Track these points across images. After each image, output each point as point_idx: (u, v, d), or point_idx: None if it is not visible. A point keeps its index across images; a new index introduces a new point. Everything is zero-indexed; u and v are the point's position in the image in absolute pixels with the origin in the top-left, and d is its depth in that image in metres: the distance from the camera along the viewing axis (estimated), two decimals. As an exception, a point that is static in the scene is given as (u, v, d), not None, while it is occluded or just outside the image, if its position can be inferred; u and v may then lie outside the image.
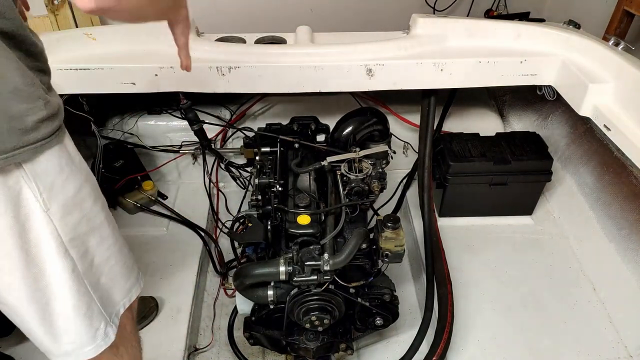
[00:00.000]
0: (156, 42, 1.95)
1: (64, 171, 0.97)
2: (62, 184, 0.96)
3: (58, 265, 0.99)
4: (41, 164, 0.91)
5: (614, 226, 1.98)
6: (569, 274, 1.99)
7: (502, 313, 1.85)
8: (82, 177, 1.02)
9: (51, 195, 0.94)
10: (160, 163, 2.42)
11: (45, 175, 0.93)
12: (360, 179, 1.64)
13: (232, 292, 2.09)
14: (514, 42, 1.96)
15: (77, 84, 1.83)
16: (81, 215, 1.02)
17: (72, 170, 0.99)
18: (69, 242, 0.99)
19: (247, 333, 1.68)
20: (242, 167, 2.35)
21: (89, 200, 1.04)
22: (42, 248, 0.97)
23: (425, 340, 1.73)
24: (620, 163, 2.00)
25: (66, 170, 0.97)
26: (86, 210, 1.03)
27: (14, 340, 1.73)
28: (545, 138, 2.19)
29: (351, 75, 1.87)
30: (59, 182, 0.96)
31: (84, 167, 1.05)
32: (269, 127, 1.97)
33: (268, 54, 1.90)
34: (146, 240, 2.13)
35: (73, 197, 0.99)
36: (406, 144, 2.44)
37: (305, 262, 1.45)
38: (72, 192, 0.99)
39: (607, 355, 1.72)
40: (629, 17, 2.84)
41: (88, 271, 1.06)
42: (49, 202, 0.94)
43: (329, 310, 1.53)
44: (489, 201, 2.18)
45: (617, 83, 1.67)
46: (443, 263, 1.89)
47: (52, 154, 0.94)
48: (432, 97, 1.99)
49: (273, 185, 1.67)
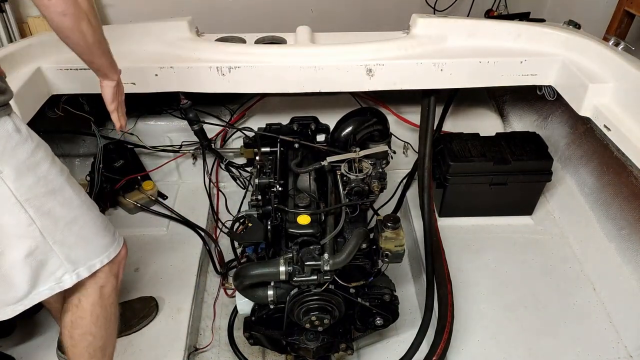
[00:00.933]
0: (156, 42, 1.95)
1: (13, 138, 1.09)
2: (12, 149, 1.08)
3: (12, 219, 1.12)
4: None
5: (614, 226, 1.98)
6: (569, 274, 1.99)
7: (502, 313, 1.85)
8: (32, 144, 1.13)
9: (2, 159, 1.07)
10: (160, 163, 2.42)
11: None
12: (360, 179, 1.64)
13: (232, 292, 2.09)
14: (514, 42, 1.96)
15: (77, 84, 1.83)
16: (36, 178, 1.13)
17: (21, 137, 1.10)
18: (25, 201, 1.12)
19: (247, 333, 1.69)
20: (242, 167, 2.35)
21: (44, 165, 1.15)
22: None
23: (426, 340, 1.73)
24: (620, 163, 2.00)
25: (15, 138, 1.09)
26: (42, 173, 1.14)
27: (15, 340, 1.74)
28: (545, 138, 2.19)
29: (351, 75, 1.87)
30: (8, 148, 1.08)
31: (34, 136, 1.16)
32: (269, 127, 1.97)
33: (268, 54, 1.90)
34: (146, 240, 2.13)
35: (25, 161, 1.11)
36: (406, 144, 2.44)
37: (305, 262, 1.46)
38: (23, 156, 1.10)
39: (607, 355, 1.72)
40: (629, 18, 2.84)
41: (50, 228, 1.17)
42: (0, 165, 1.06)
43: (329, 310, 1.53)
44: (489, 201, 2.18)
45: (617, 83, 1.67)
46: (443, 263, 1.89)
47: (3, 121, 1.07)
48: (432, 97, 1.99)
49: (273, 185, 1.67)
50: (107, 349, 1.42)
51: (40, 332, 1.77)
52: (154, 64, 1.84)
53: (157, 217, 2.27)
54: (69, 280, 1.25)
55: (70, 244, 1.22)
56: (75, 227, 1.23)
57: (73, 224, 1.22)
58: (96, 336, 1.37)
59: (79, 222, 1.23)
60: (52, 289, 1.24)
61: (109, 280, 1.36)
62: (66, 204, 1.20)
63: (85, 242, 1.26)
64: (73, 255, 1.24)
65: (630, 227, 1.91)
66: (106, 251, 1.32)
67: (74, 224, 1.22)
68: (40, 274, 1.21)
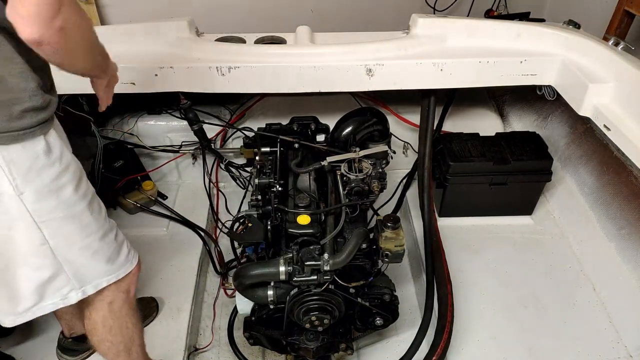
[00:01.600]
0: (156, 42, 1.95)
1: (40, 160, 1.05)
2: (37, 171, 1.05)
3: (25, 237, 1.10)
4: (17, 151, 1.01)
5: (614, 226, 1.98)
6: (569, 274, 1.99)
7: (502, 313, 1.85)
8: (60, 167, 1.09)
9: (26, 180, 1.03)
10: (160, 163, 2.42)
11: (21, 161, 1.02)
12: (360, 179, 1.64)
13: (232, 292, 2.09)
14: (514, 42, 1.95)
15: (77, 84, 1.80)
16: (57, 202, 1.10)
17: (49, 159, 1.06)
18: (41, 222, 1.09)
19: (247, 333, 1.69)
20: (242, 167, 2.35)
21: (67, 189, 1.11)
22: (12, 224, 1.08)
23: (425, 340, 1.73)
24: (620, 163, 2.00)
25: (42, 160, 1.05)
26: (63, 197, 1.11)
27: (14, 340, 1.73)
28: (545, 138, 2.19)
29: (351, 75, 1.87)
30: (34, 170, 1.04)
31: (66, 158, 1.12)
32: (269, 127, 1.97)
33: (268, 54, 1.90)
34: (146, 240, 2.13)
35: (49, 185, 1.07)
36: (406, 144, 2.44)
37: (305, 262, 1.46)
38: (47, 179, 1.07)
39: (607, 355, 1.72)
40: (629, 17, 2.84)
41: (63, 250, 1.16)
42: (22, 186, 1.03)
43: (329, 310, 1.53)
44: (489, 201, 2.18)
45: (617, 83, 1.67)
46: (443, 263, 1.89)
47: (31, 144, 1.02)
48: (432, 97, 1.99)
49: (273, 185, 1.67)
50: (132, 349, 1.45)
51: (40, 332, 1.78)
52: (154, 64, 1.84)
53: (157, 217, 2.27)
54: (74, 297, 1.24)
55: (79, 264, 1.21)
56: (88, 251, 1.21)
57: (86, 248, 1.20)
58: (113, 342, 1.40)
59: (92, 247, 1.21)
60: (56, 304, 1.24)
61: (117, 296, 1.35)
62: (83, 230, 1.18)
63: (95, 263, 1.25)
64: (81, 273, 1.22)
65: (630, 227, 1.91)
66: (115, 272, 1.30)
67: (87, 249, 1.21)
68: (47, 289, 1.20)
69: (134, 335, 1.44)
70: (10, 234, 1.09)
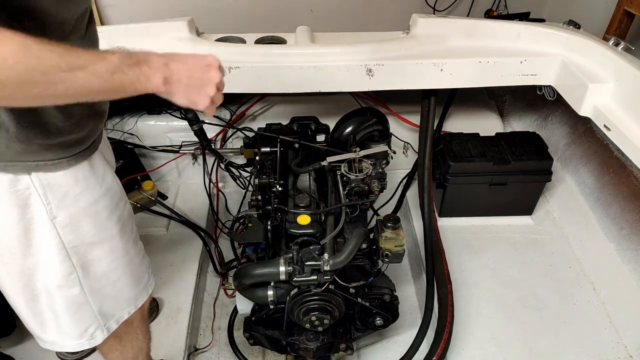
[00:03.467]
0: (156, 42, 1.95)
1: (79, 185, 1.00)
2: (75, 196, 1.00)
3: (55, 267, 1.03)
4: (55, 177, 0.96)
5: (614, 226, 1.98)
6: (569, 274, 1.99)
7: (502, 313, 1.85)
8: (99, 192, 1.05)
9: (61, 205, 0.98)
10: (160, 163, 2.42)
11: (58, 187, 0.97)
12: (360, 179, 1.64)
13: (232, 292, 2.09)
14: (513, 42, 1.95)
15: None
16: (91, 227, 1.05)
17: (88, 184, 1.02)
18: (71, 249, 1.03)
19: (247, 333, 1.69)
20: (242, 167, 2.35)
21: (103, 214, 1.07)
22: (41, 249, 1.00)
23: (425, 340, 1.73)
24: (620, 163, 2.00)
25: (82, 185, 1.00)
26: (98, 222, 1.06)
27: (14, 340, 1.73)
28: (545, 138, 2.19)
29: (351, 75, 1.87)
30: (71, 195, 0.99)
31: (107, 181, 1.08)
32: (269, 127, 1.97)
33: (268, 54, 1.90)
34: (146, 240, 2.10)
35: (84, 209, 1.02)
36: (406, 144, 2.44)
37: (305, 262, 1.45)
38: (84, 204, 1.02)
39: (607, 355, 1.72)
40: (629, 17, 2.84)
41: (89, 278, 1.10)
42: (56, 211, 0.98)
43: (329, 310, 1.53)
44: (489, 201, 2.18)
45: (617, 83, 1.67)
46: (443, 263, 1.89)
47: (68, 171, 0.97)
48: (432, 97, 1.99)
49: (273, 185, 1.67)
50: (139, 357, 1.44)
51: (40, 332, 1.77)
52: (154, 64, 1.83)
53: (157, 217, 2.26)
54: (100, 337, 1.19)
55: (104, 295, 1.16)
56: (114, 277, 1.16)
57: (112, 274, 1.15)
58: (122, 352, 1.38)
59: (118, 272, 1.16)
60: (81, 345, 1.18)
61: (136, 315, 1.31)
62: (111, 255, 1.13)
63: (119, 293, 1.20)
64: (105, 307, 1.17)
65: (630, 227, 1.91)
66: (135, 301, 1.25)
67: (112, 274, 1.15)
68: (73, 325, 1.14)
69: (143, 345, 1.44)
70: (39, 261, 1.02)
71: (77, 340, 1.17)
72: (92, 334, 1.18)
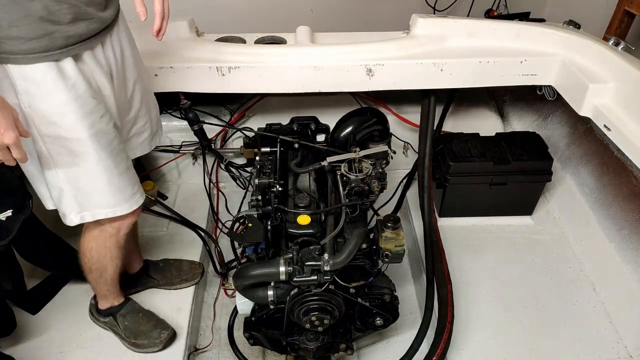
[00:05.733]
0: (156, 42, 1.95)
1: (47, 84, 1.14)
2: (44, 95, 1.15)
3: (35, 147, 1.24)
4: (26, 70, 1.11)
5: (614, 226, 1.98)
6: (569, 274, 1.99)
7: (502, 313, 1.85)
8: (67, 96, 1.17)
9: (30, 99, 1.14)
10: (160, 163, 2.42)
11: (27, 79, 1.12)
12: (360, 179, 1.64)
13: (232, 292, 2.09)
14: (514, 42, 1.96)
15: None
16: (59, 124, 1.20)
17: (58, 86, 1.15)
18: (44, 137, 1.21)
19: (247, 333, 1.68)
20: (242, 167, 2.35)
21: (72, 116, 1.20)
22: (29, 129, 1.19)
23: (426, 340, 1.73)
24: (620, 163, 2.00)
25: (50, 85, 1.14)
26: (67, 123, 1.20)
27: (14, 340, 1.73)
28: (545, 138, 2.19)
29: (351, 75, 1.87)
30: (42, 92, 1.14)
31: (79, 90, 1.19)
32: (269, 127, 1.97)
33: (268, 54, 1.90)
34: (146, 240, 2.13)
35: (52, 107, 1.17)
36: (406, 144, 2.44)
37: (305, 262, 1.45)
38: (54, 102, 1.16)
39: (607, 355, 1.72)
40: (630, 17, 2.84)
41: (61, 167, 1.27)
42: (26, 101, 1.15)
43: (329, 310, 1.53)
44: (489, 201, 2.18)
45: (617, 83, 1.67)
46: (443, 263, 1.89)
47: (41, 66, 1.11)
48: (432, 97, 2.00)
49: (273, 186, 1.67)
50: (103, 274, 1.60)
51: (40, 332, 1.77)
52: (153, 64, 1.84)
53: (157, 217, 2.27)
54: (74, 219, 1.38)
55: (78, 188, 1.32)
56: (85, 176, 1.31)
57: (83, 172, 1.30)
58: (90, 260, 1.56)
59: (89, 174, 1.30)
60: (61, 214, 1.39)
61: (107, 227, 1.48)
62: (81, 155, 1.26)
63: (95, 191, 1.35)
64: (80, 198, 1.34)
65: (630, 227, 1.91)
66: (113, 207, 1.40)
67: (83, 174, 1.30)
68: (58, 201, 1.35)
69: (108, 266, 1.58)
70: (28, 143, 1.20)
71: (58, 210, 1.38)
72: (68, 214, 1.37)
